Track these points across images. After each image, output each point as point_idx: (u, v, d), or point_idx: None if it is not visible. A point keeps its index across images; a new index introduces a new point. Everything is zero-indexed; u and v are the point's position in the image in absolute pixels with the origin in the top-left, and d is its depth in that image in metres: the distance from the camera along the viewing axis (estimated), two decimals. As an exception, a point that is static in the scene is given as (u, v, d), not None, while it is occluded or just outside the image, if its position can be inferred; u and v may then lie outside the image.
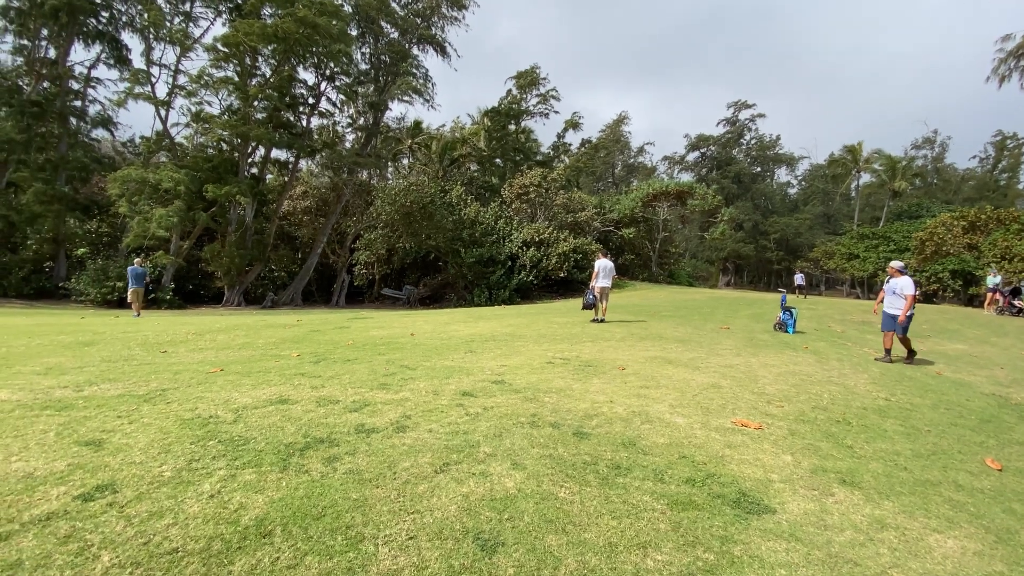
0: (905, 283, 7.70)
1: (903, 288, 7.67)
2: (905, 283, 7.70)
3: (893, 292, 7.82)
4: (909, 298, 7.55)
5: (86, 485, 2.55)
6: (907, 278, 7.74)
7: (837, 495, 2.98)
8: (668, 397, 4.64)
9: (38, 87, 26.26)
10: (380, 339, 7.98)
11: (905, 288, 7.64)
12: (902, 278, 7.79)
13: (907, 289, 7.61)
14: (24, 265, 25.08)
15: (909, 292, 7.58)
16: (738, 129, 64.60)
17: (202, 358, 6.37)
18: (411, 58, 33.29)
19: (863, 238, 47.29)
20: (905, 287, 7.66)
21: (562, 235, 30.06)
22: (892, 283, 7.91)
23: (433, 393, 4.41)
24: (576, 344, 7.60)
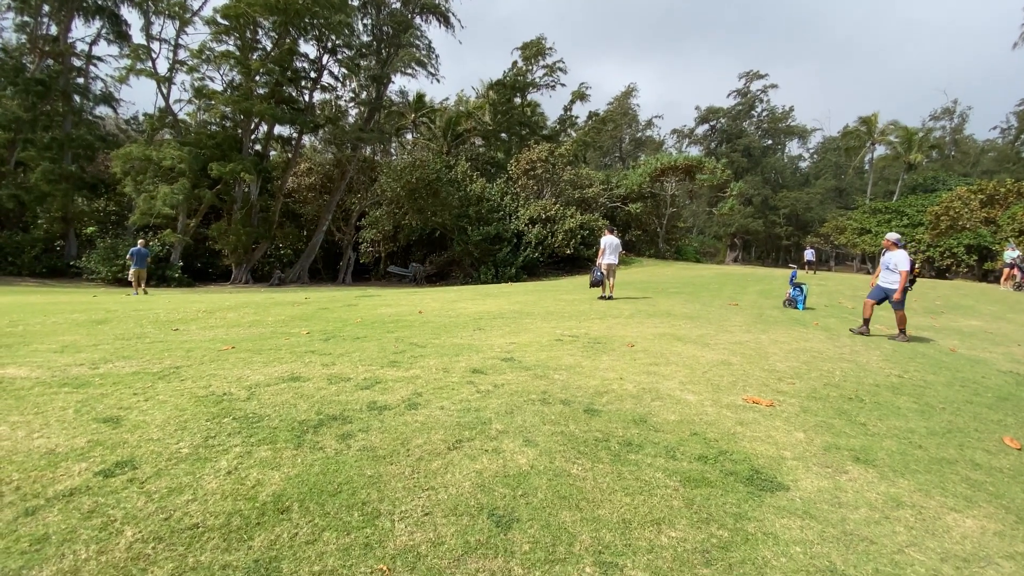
0: (900, 257, 7.34)
1: (897, 263, 7.32)
2: (900, 257, 7.34)
3: (887, 267, 7.50)
4: (903, 274, 7.20)
5: (106, 461, 2.59)
6: (902, 252, 7.38)
7: (851, 472, 2.97)
8: (678, 374, 4.63)
9: (41, 65, 26.02)
10: (388, 317, 8.00)
11: (900, 263, 7.29)
12: (897, 252, 7.43)
13: (901, 264, 7.26)
14: (35, 244, 25.30)
15: (904, 267, 7.22)
16: (749, 100, 63.00)
17: (213, 336, 6.43)
18: (413, 28, 32.51)
19: (875, 212, 46.48)
20: (900, 262, 7.30)
21: (569, 211, 29.78)
22: (887, 256, 7.57)
23: (443, 370, 4.43)
24: (584, 321, 7.58)
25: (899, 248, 7.46)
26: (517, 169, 32.91)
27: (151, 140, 27.72)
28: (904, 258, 7.27)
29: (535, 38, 41.74)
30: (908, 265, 7.22)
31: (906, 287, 7.27)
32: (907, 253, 7.34)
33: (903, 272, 7.19)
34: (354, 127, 32.04)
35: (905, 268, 7.20)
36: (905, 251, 7.38)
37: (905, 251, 7.38)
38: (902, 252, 7.37)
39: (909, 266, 7.24)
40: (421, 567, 1.87)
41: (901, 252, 7.38)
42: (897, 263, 7.32)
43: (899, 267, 7.26)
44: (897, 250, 7.44)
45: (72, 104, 26.92)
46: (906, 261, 7.24)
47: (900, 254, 7.36)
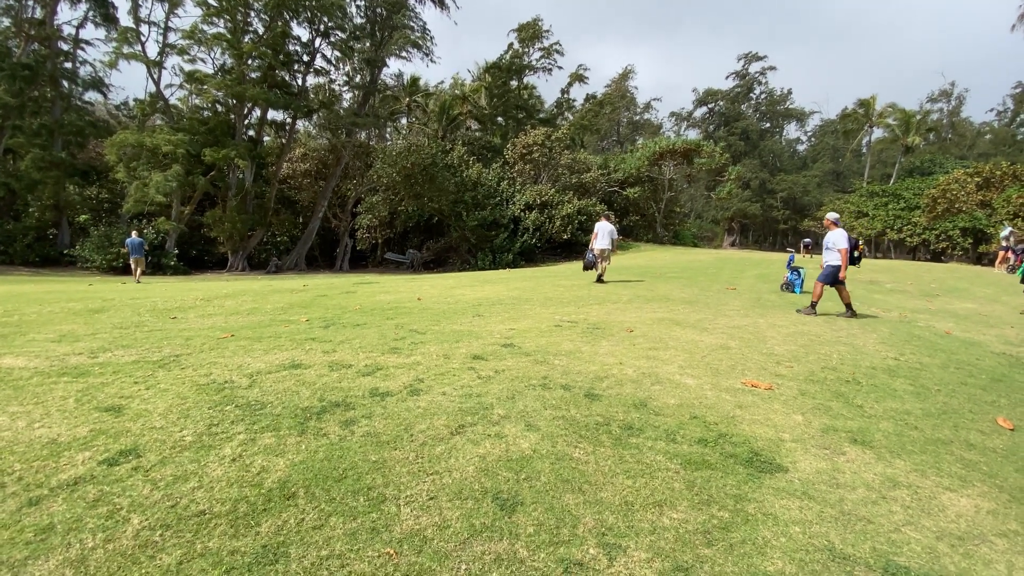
0: (837, 236, 7.51)
1: (836, 241, 7.49)
2: (837, 236, 7.51)
3: (827, 247, 7.64)
4: (842, 252, 7.38)
5: (110, 450, 2.60)
6: (840, 231, 7.54)
7: (848, 454, 3.01)
8: (677, 358, 4.65)
9: (27, 49, 25.46)
10: (387, 304, 7.99)
11: (838, 242, 7.45)
12: (835, 231, 7.61)
13: (840, 243, 7.43)
14: (28, 233, 25.05)
15: (842, 245, 7.39)
16: (748, 83, 62.42)
17: (212, 324, 6.41)
18: (408, 10, 31.91)
19: (873, 196, 46.47)
20: (837, 240, 7.47)
21: (566, 197, 29.64)
22: (827, 237, 7.71)
23: (444, 357, 4.44)
24: (583, 307, 7.59)
25: (838, 227, 7.62)
26: (514, 154, 32.64)
27: (142, 126, 27.30)
28: (842, 236, 7.45)
29: (531, 19, 41.14)
30: (847, 243, 7.40)
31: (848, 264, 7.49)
32: (845, 231, 7.55)
33: (842, 250, 7.37)
34: (348, 111, 31.64)
35: (844, 246, 7.37)
36: (844, 230, 7.57)
37: (844, 230, 7.57)
38: (840, 231, 7.54)
39: (848, 244, 7.42)
40: (427, 550, 1.90)
41: (839, 231, 7.55)
42: (835, 242, 7.48)
43: (838, 245, 7.43)
44: (836, 229, 7.61)
45: (61, 89, 26.42)
46: (844, 239, 7.41)
47: (838, 233, 7.54)
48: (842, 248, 7.39)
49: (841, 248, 7.41)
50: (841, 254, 7.40)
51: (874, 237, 48.39)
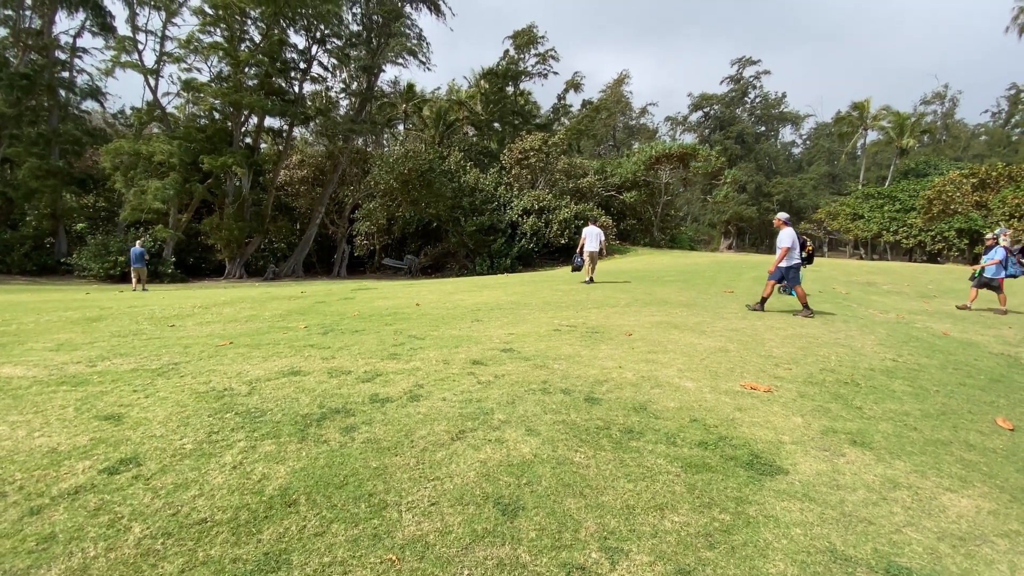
0: (782, 236, 7.79)
1: (780, 240, 7.79)
2: (782, 236, 7.79)
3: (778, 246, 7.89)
4: (781, 250, 7.68)
5: (110, 459, 2.59)
6: (786, 231, 7.79)
7: (848, 455, 3.02)
8: (676, 362, 4.66)
9: (25, 58, 25.51)
10: (386, 309, 7.99)
11: (781, 240, 7.75)
12: (782, 231, 7.87)
13: (782, 241, 7.72)
14: (25, 241, 25.01)
15: (782, 244, 7.70)
16: (742, 87, 62.82)
17: (210, 331, 6.40)
18: (404, 17, 32.08)
19: (868, 198, 46.69)
20: (781, 240, 7.76)
21: (563, 201, 29.72)
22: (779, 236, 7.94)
23: (443, 362, 4.44)
24: (581, 311, 7.61)
25: (787, 227, 7.85)
26: (510, 159, 32.74)
27: (139, 134, 27.35)
28: (784, 236, 7.73)
29: (526, 26, 41.41)
30: (788, 242, 7.66)
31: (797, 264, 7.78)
32: (793, 231, 7.81)
33: (781, 248, 7.70)
34: (345, 118, 31.73)
35: (785, 245, 7.66)
36: (792, 230, 7.82)
37: (792, 230, 7.82)
38: (786, 231, 7.79)
39: (791, 244, 7.67)
40: (430, 556, 1.90)
41: (785, 231, 7.80)
42: (780, 240, 7.79)
43: (780, 244, 7.75)
44: (784, 228, 7.85)
45: (58, 99, 26.46)
46: (786, 239, 7.68)
47: (783, 232, 7.80)
48: (782, 247, 7.70)
49: (782, 246, 7.71)
50: (779, 252, 7.74)
51: (870, 239, 48.62)
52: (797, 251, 7.78)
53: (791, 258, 7.75)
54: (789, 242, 7.69)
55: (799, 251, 7.83)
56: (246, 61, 24.56)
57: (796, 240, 7.77)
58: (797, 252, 7.78)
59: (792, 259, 7.75)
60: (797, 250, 7.80)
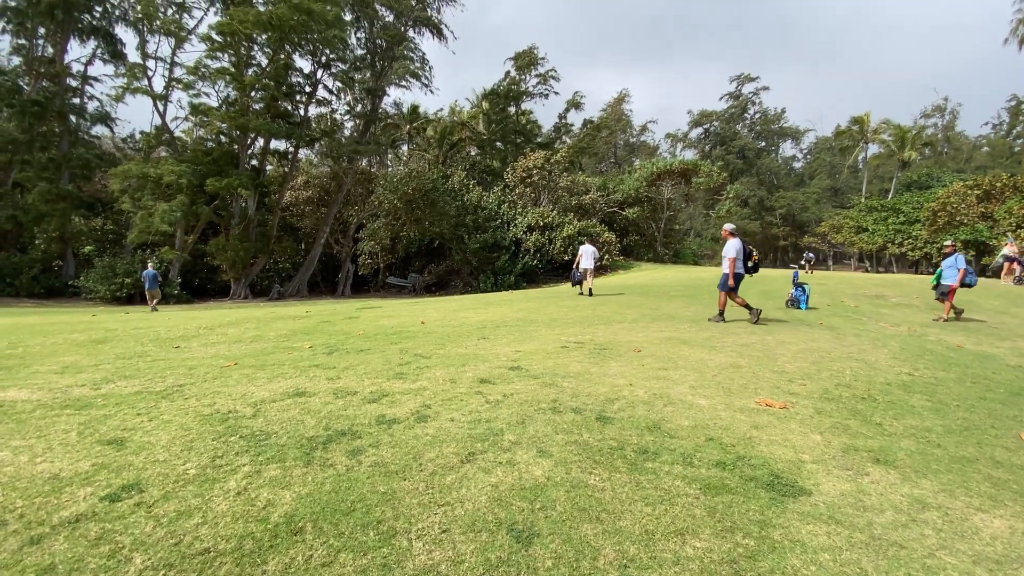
0: (727, 246, 8.01)
1: (726, 251, 8.02)
2: (727, 246, 8.01)
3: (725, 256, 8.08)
4: (728, 260, 7.88)
5: (112, 485, 2.52)
6: (732, 241, 8.00)
7: (872, 474, 2.91)
8: (688, 378, 4.57)
9: (37, 86, 26.12)
10: (391, 328, 7.94)
11: (727, 251, 7.97)
12: (728, 241, 8.09)
13: (728, 252, 7.94)
14: (33, 265, 25.25)
15: (728, 255, 7.91)
16: (741, 103, 63.49)
17: (215, 352, 6.36)
18: (407, 41, 32.77)
19: (872, 210, 46.65)
20: (727, 250, 7.98)
21: (567, 218, 29.83)
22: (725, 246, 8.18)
23: (451, 381, 4.37)
24: (589, 327, 7.53)
25: (733, 238, 8.07)
26: (513, 177, 33.01)
27: (148, 158, 27.76)
28: (729, 247, 7.95)
29: (527, 48, 42.13)
30: (733, 253, 7.87)
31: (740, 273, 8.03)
32: (739, 241, 8.03)
33: (727, 259, 7.90)
34: (350, 140, 32.20)
35: (730, 255, 7.87)
36: (739, 240, 8.04)
37: (739, 240, 8.04)
38: (732, 241, 8.00)
39: (735, 254, 7.87)
40: (442, 587, 1.81)
41: (731, 242, 8.01)
42: (725, 251, 8.02)
43: (726, 255, 7.95)
44: (730, 239, 8.06)
45: (69, 124, 26.98)
46: (731, 250, 7.89)
47: (728, 244, 8.02)
48: (728, 257, 7.88)
49: (728, 257, 7.89)
50: (726, 262, 7.90)
51: (875, 251, 48.46)
52: (742, 261, 8.04)
53: (736, 267, 7.97)
54: (734, 252, 7.89)
55: (743, 261, 8.09)
56: (251, 85, 25.03)
57: (742, 250, 8.01)
58: (742, 262, 8.04)
59: (737, 268, 7.96)
60: (742, 260, 8.06)
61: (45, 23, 24.95)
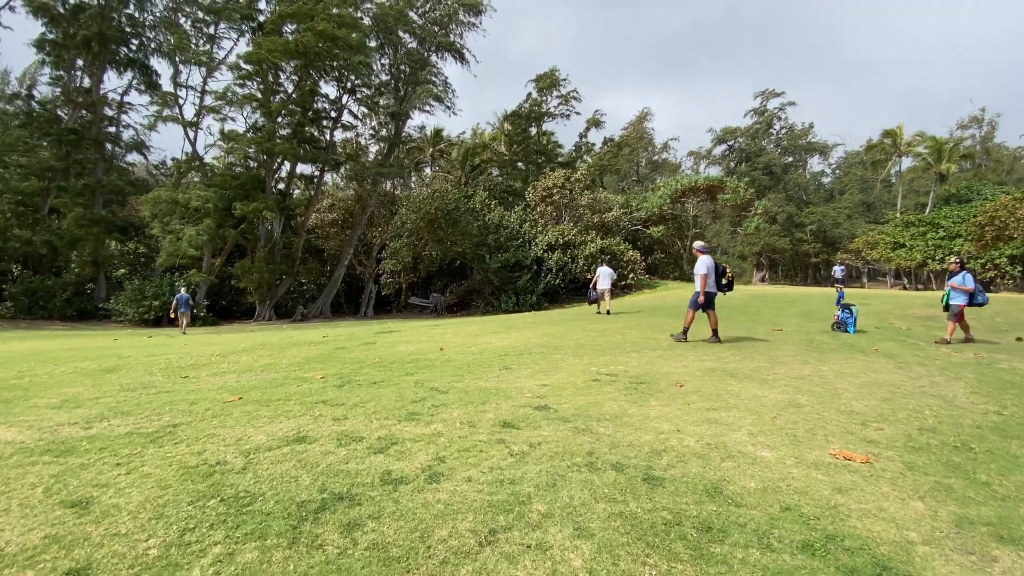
0: (698, 264, 7.92)
1: (697, 268, 7.91)
2: (698, 264, 7.92)
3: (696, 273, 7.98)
4: (700, 277, 7.80)
5: (56, 569, 2.07)
6: (702, 258, 7.91)
7: (1003, 560, 2.26)
8: (744, 422, 3.95)
9: (76, 115, 27.23)
10: (408, 356, 7.49)
11: (697, 268, 7.87)
12: (699, 259, 8.00)
13: (698, 269, 7.85)
14: (67, 288, 25.91)
15: (699, 272, 7.83)
16: (767, 119, 62.38)
17: (222, 383, 6.00)
18: (430, 66, 33.19)
19: (909, 226, 44.71)
20: (697, 267, 7.89)
21: (588, 236, 29.30)
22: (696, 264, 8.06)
23: (469, 425, 3.85)
24: (620, 355, 6.93)
25: (703, 255, 7.99)
26: (535, 196, 32.77)
27: (178, 184, 28.52)
28: (699, 264, 7.87)
29: (549, 70, 42.31)
30: (704, 269, 7.78)
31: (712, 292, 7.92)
32: (710, 258, 7.95)
33: (698, 276, 7.82)
34: (374, 163, 32.55)
35: (701, 272, 7.78)
36: (708, 257, 7.96)
37: (708, 257, 7.96)
38: (702, 259, 7.91)
39: (706, 270, 7.78)
40: None
41: (701, 259, 7.93)
42: (696, 269, 7.93)
43: (697, 272, 7.86)
44: (700, 256, 7.99)
45: (103, 152, 27.95)
46: (701, 267, 7.82)
47: (699, 261, 7.94)
48: (699, 274, 7.80)
49: (700, 274, 7.80)
50: (698, 279, 7.82)
51: (914, 268, 46.30)
52: (713, 278, 7.88)
53: (707, 285, 7.84)
54: (704, 269, 7.79)
55: (714, 278, 7.91)
56: (278, 111, 25.54)
57: (713, 267, 7.89)
58: (713, 279, 7.88)
59: (708, 285, 7.83)
60: (713, 277, 7.89)
61: (82, 55, 26.08)
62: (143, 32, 29.48)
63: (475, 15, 33.75)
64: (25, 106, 27.28)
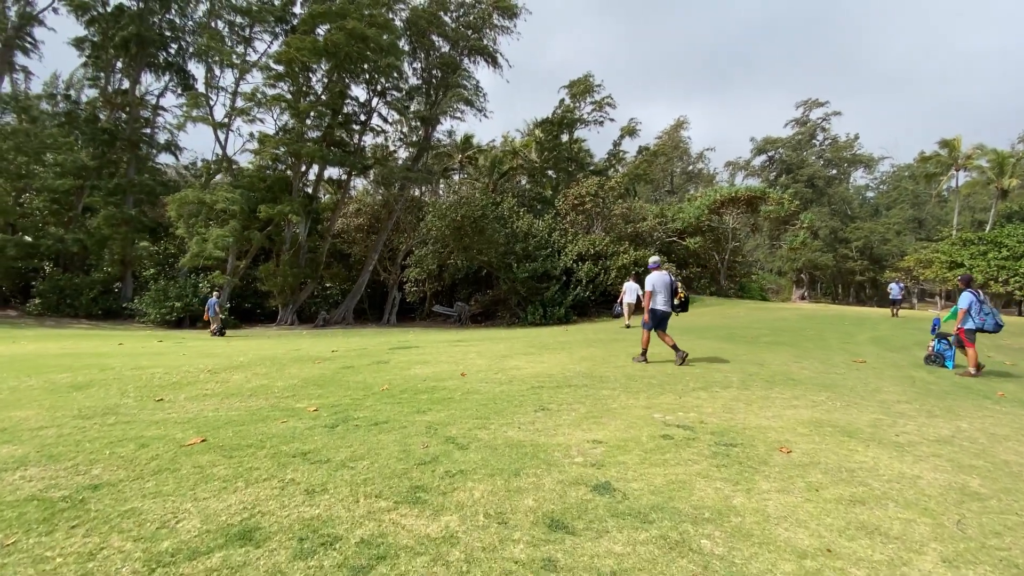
0: (646, 280, 7.65)
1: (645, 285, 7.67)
2: (646, 280, 7.65)
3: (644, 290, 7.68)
4: (646, 294, 7.55)
5: None
6: (652, 275, 7.63)
7: None
8: (919, 532, 2.56)
9: (114, 116, 27.44)
10: (423, 382, 6.29)
11: (646, 285, 7.61)
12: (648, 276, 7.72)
13: (646, 286, 7.58)
14: (93, 286, 25.86)
15: (645, 288, 7.55)
16: (809, 129, 59.67)
17: (196, 412, 4.91)
18: (461, 69, 32.46)
19: (967, 244, 41.53)
20: (645, 284, 7.62)
21: (621, 247, 27.80)
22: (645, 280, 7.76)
23: (497, 520, 2.58)
24: (686, 395, 5.55)
25: (654, 271, 7.66)
26: (565, 204, 31.49)
27: (207, 184, 28.39)
28: (648, 281, 7.57)
29: (583, 76, 41.11)
30: (649, 286, 7.51)
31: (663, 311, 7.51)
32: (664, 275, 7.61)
33: (645, 292, 7.54)
34: (401, 167, 31.87)
35: (647, 289, 7.51)
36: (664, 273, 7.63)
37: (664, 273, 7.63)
38: (652, 275, 7.60)
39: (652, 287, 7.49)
40: None
41: (651, 275, 7.61)
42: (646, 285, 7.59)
43: (646, 288, 7.57)
44: (652, 273, 7.64)
45: (137, 152, 28.06)
46: (648, 283, 7.53)
47: (648, 277, 7.63)
48: (645, 291, 7.50)
49: (645, 291, 7.50)
50: (644, 297, 7.55)
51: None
52: (663, 296, 7.48)
53: (655, 302, 7.47)
54: (650, 286, 7.50)
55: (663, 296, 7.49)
56: (306, 113, 25.05)
57: (668, 285, 7.53)
58: (663, 298, 7.48)
59: (657, 304, 7.46)
60: (663, 295, 7.48)
61: (120, 55, 26.24)
62: (182, 36, 29.71)
63: (509, 18, 32.94)
64: (66, 106, 27.67)
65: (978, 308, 7.70)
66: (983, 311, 7.66)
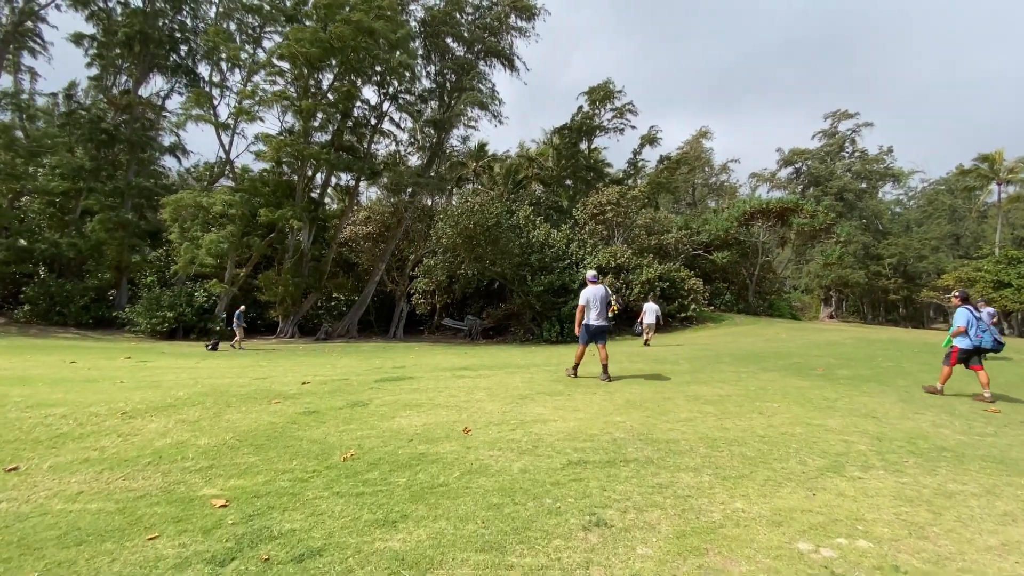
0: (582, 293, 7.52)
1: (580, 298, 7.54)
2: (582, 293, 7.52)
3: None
4: (578, 308, 7.46)
5: None
6: (587, 289, 7.52)
7: None
8: None
9: (118, 117, 26.38)
10: (407, 442, 4.39)
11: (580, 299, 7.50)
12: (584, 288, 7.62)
13: (580, 299, 7.49)
14: (85, 293, 24.52)
15: (579, 303, 7.47)
16: (839, 141, 57.21)
17: (33, 507, 3.08)
18: (476, 71, 30.97)
19: (1014, 263, 38.69)
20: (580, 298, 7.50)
21: (645, 260, 25.77)
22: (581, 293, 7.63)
23: None
24: (812, 483, 3.57)
25: (591, 284, 7.53)
26: (584, 214, 29.63)
27: (210, 188, 27.11)
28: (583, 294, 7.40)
29: (602, 82, 39.36)
30: (583, 300, 7.35)
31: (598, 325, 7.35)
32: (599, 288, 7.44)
33: (579, 307, 7.42)
34: (412, 172, 30.29)
35: (580, 303, 7.39)
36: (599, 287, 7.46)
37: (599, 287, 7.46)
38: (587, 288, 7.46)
39: (585, 301, 7.34)
40: None
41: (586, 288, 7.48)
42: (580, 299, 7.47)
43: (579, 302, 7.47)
44: (588, 286, 7.50)
45: (137, 153, 26.91)
46: (582, 297, 7.38)
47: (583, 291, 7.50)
48: (579, 305, 7.40)
49: (579, 305, 7.40)
50: (577, 311, 7.42)
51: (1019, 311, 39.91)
52: (595, 312, 7.34)
53: (588, 317, 7.37)
54: (583, 300, 7.39)
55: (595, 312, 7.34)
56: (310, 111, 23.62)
57: (598, 298, 7.34)
58: (595, 313, 7.34)
59: (589, 319, 7.37)
60: (596, 310, 7.33)
61: (124, 54, 25.21)
62: (193, 39, 28.78)
63: (527, 19, 31.49)
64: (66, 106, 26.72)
65: (975, 326, 7.17)
66: (979, 328, 7.15)
